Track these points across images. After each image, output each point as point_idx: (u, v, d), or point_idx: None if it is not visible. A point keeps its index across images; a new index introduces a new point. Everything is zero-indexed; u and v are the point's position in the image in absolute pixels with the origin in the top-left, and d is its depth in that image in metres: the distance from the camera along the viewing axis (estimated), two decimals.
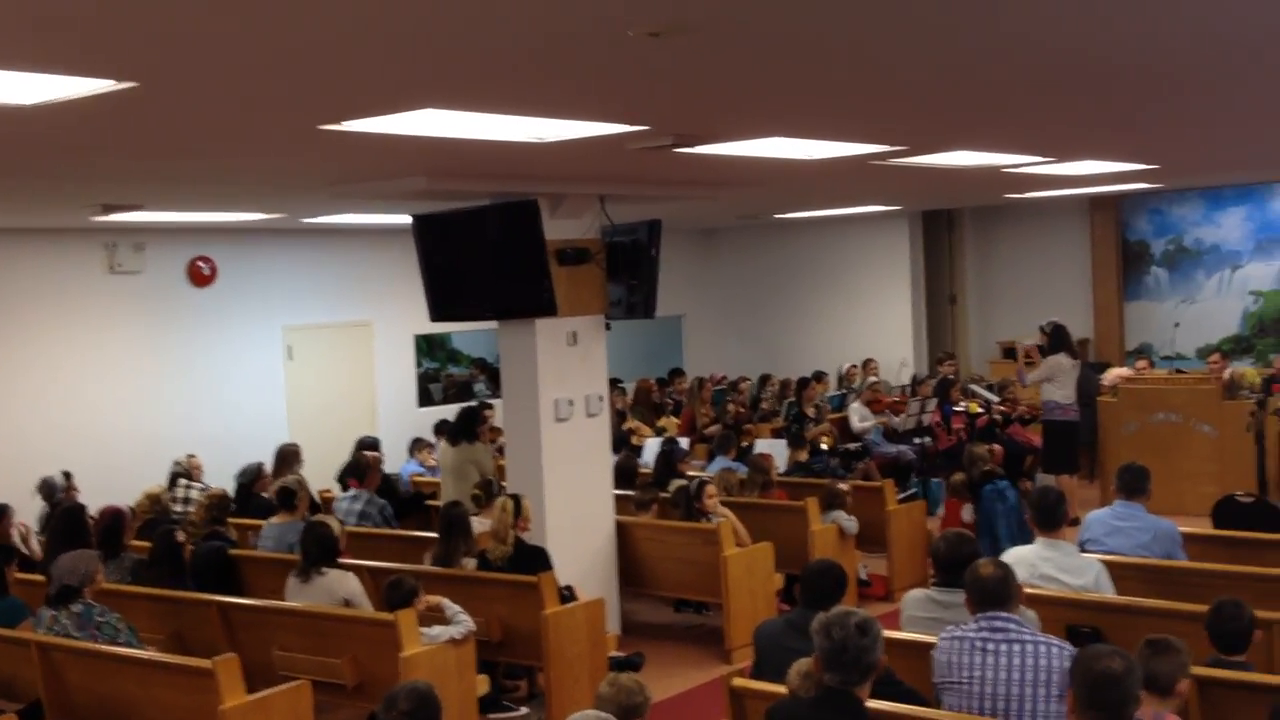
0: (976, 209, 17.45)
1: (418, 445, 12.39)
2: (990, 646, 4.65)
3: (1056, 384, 11.60)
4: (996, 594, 4.78)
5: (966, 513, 10.10)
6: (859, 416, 13.51)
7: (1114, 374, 13.03)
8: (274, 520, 8.66)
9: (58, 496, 9.74)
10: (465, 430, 9.96)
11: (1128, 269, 16.52)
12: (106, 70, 4.31)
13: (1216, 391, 11.91)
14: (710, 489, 9.08)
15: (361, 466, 9.83)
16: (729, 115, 6.25)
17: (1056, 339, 11.83)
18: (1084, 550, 6.80)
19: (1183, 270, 16.12)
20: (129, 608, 7.08)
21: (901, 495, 10.47)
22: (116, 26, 3.69)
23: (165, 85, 4.61)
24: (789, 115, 6.42)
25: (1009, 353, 16.11)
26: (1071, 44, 4.83)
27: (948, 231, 17.88)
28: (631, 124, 6.19)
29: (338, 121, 5.64)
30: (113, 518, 8.00)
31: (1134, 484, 7.10)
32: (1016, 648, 4.61)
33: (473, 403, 12.31)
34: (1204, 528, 8.03)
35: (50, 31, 3.71)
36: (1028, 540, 9.45)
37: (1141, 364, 14.01)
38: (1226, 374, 12.20)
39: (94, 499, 9.01)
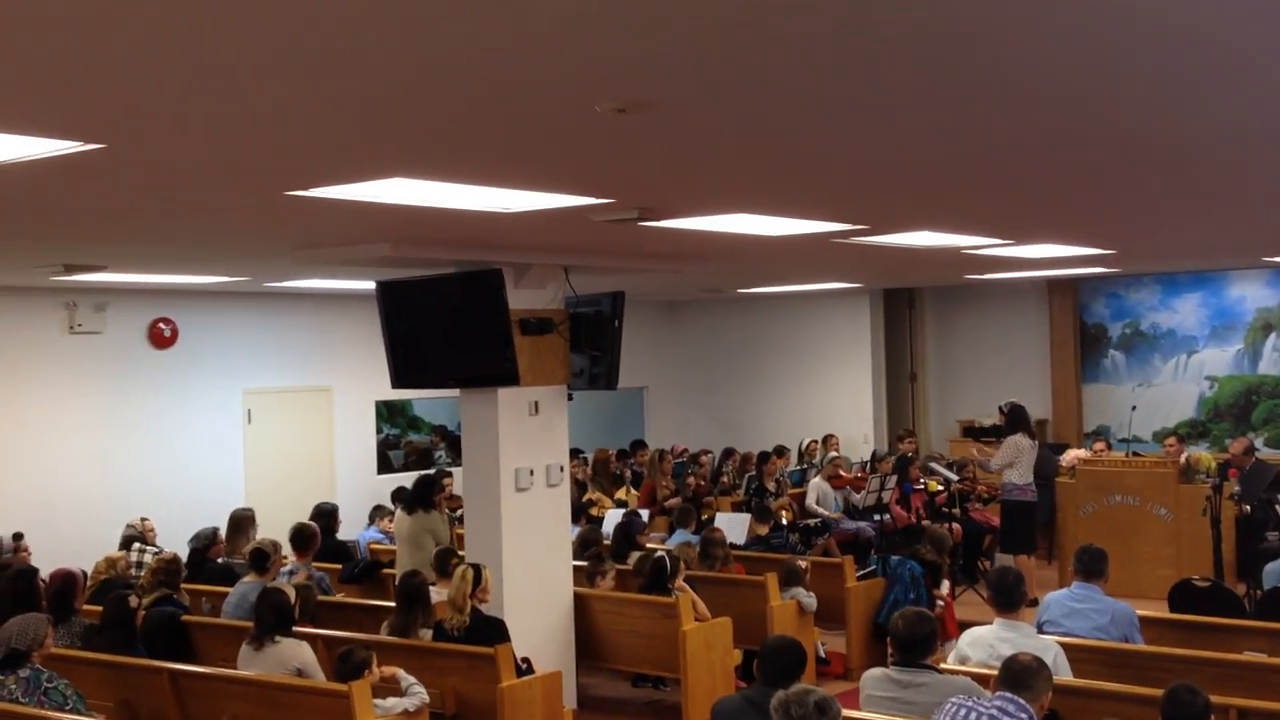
0: (937, 289, 17.61)
1: (379, 512, 12.27)
2: None
3: (1014, 465, 11.67)
4: (1021, 679, 4.82)
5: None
6: (816, 497, 13.26)
7: (1072, 455, 13.10)
8: (246, 579, 8.52)
9: (5, 558, 9.58)
10: (421, 499, 9.88)
11: (1085, 352, 16.68)
12: (74, 132, 4.30)
13: (1173, 475, 12.00)
14: (682, 566, 9.02)
15: (294, 538, 9.32)
16: (694, 190, 6.30)
17: (1014, 419, 11.90)
18: (1042, 631, 6.81)
19: (1139, 354, 16.30)
20: (78, 673, 6.94)
21: (861, 572, 10.45)
22: (86, 88, 3.69)
23: (133, 148, 4.61)
24: (753, 192, 6.49)
25: (968, 431, 16.20)
26: (1034, 134, 4.91)
27: (908, 310, 18.02)
28: (597, 196, 6.24)
29: (305, 188, 5.65)
30: (64, 581, 7.87)
31: (1092, 566, 7.13)
32: None
33: (430, 470, 12.23)
34: (1161, 611, 8.06)
35: (17, 92, 3.71)
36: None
37: (1099, 446, 14.10)
38: (1183, 458, 12.29)
39: (46, 561, 8.86)
